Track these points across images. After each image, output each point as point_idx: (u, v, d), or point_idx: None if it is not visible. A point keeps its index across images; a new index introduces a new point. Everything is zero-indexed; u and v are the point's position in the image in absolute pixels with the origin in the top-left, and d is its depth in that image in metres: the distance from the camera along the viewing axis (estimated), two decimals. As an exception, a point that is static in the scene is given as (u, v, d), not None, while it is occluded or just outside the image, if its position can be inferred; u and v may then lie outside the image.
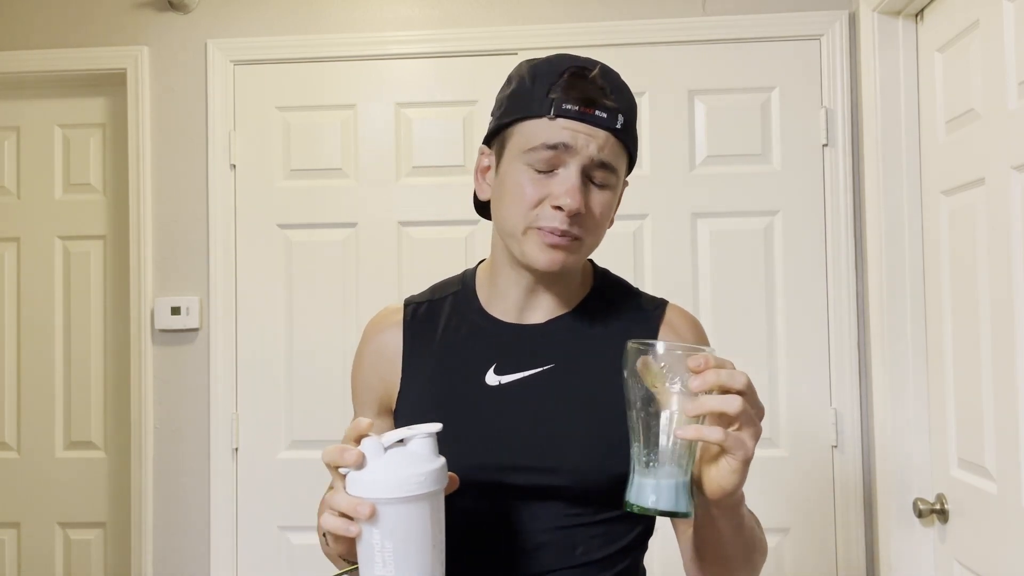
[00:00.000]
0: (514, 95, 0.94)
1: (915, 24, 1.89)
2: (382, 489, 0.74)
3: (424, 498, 0.75)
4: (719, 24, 2.10)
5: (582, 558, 0.93)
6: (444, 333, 1.00)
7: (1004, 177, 1.50)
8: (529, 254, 0.92)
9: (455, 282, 1.06)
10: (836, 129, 2.06)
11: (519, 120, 0.92)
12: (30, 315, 2.37)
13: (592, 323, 0.99)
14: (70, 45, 2.23)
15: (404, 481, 0.74)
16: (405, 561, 0.74)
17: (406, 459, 0.76)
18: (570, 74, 0.91)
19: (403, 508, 0.74)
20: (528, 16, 2.14)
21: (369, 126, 2.18)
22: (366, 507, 0.73)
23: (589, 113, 0.89)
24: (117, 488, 2.33)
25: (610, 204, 0.94)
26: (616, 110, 0.91)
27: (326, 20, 2.19)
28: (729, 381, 0.72)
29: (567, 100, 0.89)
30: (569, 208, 0.88)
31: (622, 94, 0.93)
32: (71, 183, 2.36)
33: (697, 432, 0.72)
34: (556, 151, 0.89)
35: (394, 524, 0.74)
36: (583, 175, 0.90)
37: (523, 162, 0.91)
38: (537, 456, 0.92)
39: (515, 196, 0.92)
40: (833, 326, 2.05)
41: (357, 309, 2.15)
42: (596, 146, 0.90)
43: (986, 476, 1.59)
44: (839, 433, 2.04)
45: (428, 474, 0.75)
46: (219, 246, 2.17)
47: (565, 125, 0.89)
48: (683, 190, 2.10)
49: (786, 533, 2.06)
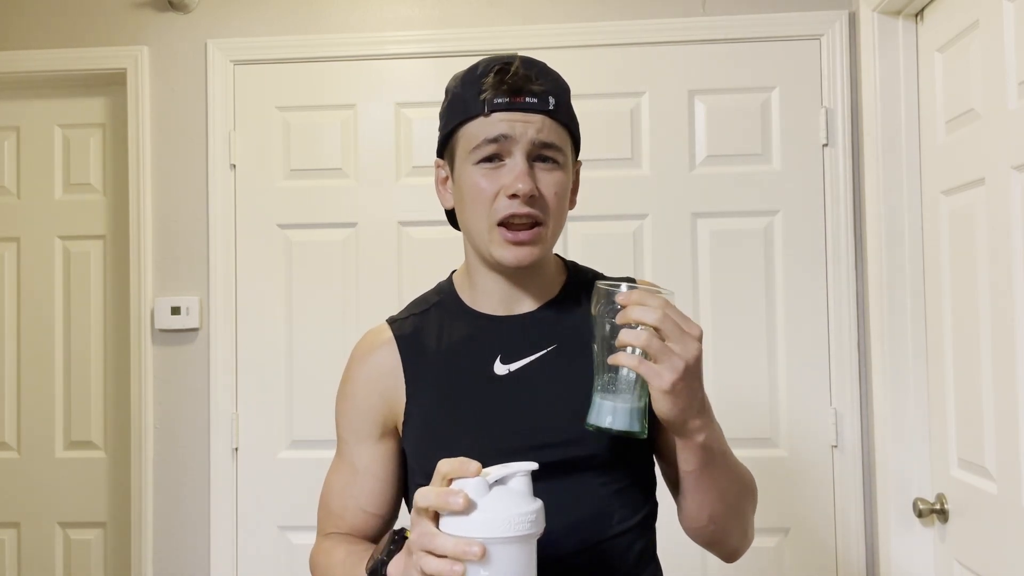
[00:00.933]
0: (451, 105, 1.00)
1: (915, 24, 1.89)
2: (492, 528, 0.72)
3: (531, 539, 0.74)
4: (719, 24, 2.10)
5: (619, 527, 0.97)
6: (440, 339, 1.02)
7: (1004, 177, 1.50)
8: (497, 254, 0.96)
9: (432, 294, 1.09)
10: (836, 129, 2.06)
11: (460, 125, 0.98)
12: (30, 315, 2.37)
13: (578, 305, 1.03)
14: (70, 45, 2.23)
15: (515, 520, 0.73)
16: None
17: (511, 498, 0.74)
18: (494, 72, 0.96)
19: (514, 548, 0.73)
20: (528, 16, 2.14)
21: (369, 126, 2.18)
22: (477, 547, 0.71)
23: (519, 101, 0.94)
24: (117, 488, 2.33)
25: (564, 184, 0.98)
26: (545, 92, 0.96)
27: (326, 20, 2.19)
28: (641, 316, 0.81)
29: (497, 95, 0.94)
30: (522, 192, 0.93)
31: (548, 77, 0.98)
32: (71, 183, 2.36)
33: (614, 358, 0.82)
34: (497, 143, 0.94)
35: (505, 565, 0.73)
36: (529, 161, 0.95)
37: (471, 163, 0.96)
38: (563, 430, 0.95)
39: (472, 196, 0.97)
40: (833, 326, 2.05)
41: (357, 309, 2.15)
42: (534, 129, 0.94)
43: (986, 476, 1.59)
44: (839, 433, 2.04)
45: (535, 512, 0.75)
46: (219, 246, 2.17)
47: (501, 118, 0.94)
48: (683, 190, 2.10)
49: (786, 533, 2.06)
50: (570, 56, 2.09)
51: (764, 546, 2.05)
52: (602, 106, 2.10)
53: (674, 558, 2.00)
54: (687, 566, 2.01)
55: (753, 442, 2.04)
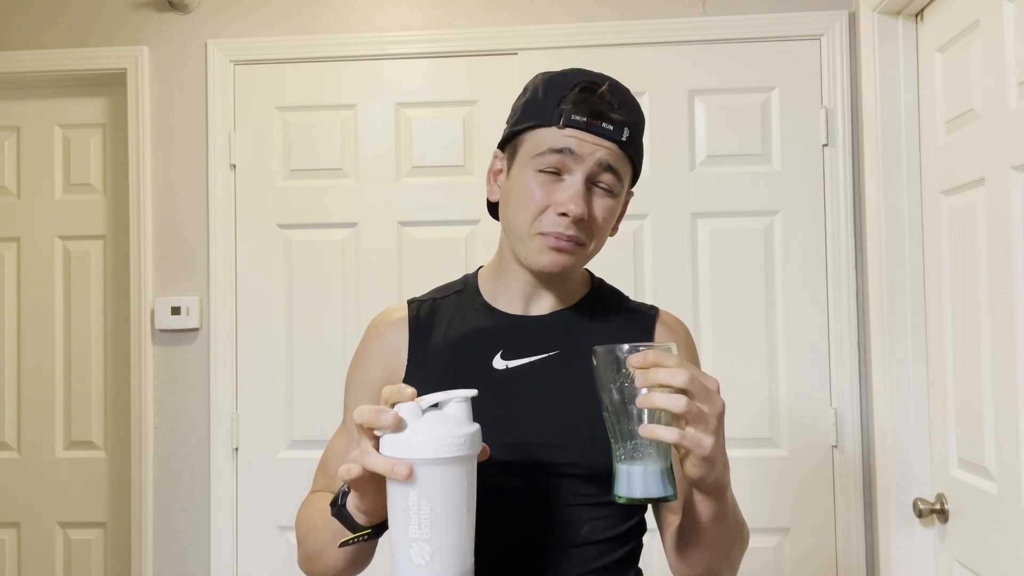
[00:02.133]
0: (528, 104, 1.00)
1: (915, 24, 1.89)
2: (421, 450, 0.74)
3: (462, 461, 0.75)
4: (719, 24, 2.10)
5: (588, 537, 0.97)
6: (449, 327, 1.04)
7: (1004, 177, 1.50)
8: (532, 257, 0.97)
9: (458, 283, 1.10)
10: (836, 129, 2.06)
11: (530, 128, 0.98)
12: (30, 315, 2.37)
13: (592, 318, 1.05)
14: (70, 45, 2.23)
15: (444, 442, 0.74)
16: (441, 523, 0.74)
17: (443, 422, 0.76)
18: (580, 88, 0.96)
19: (442, 469, 0.74)
20: (528, 16, 2.14)
21: (369, 126, 2.18)
22: (404, 467, 0.73)
23: (596, 124, 0.95)
24: (117, 488, 2.33)
25: (613, 211, 1.00)
26: (623, 123, 0.96)
27: (326, 20, 2.19)
28: (668, 379, 0.74)
29: (576, 112, 0.95)
30: (574, 214, 0.93)
31: (630, 109, 0.99)
32: (71, 183, 2.36)
33: (652, 432, 0.75)
34: (562, 155, 0.94)
35: (432, 485, 0.74)
36: (588, 182, 0.95)
37: (532, 168, 0.96)
38: (547, 433, 0.96)
39: (523, 199, 0.97)
40: (833, 326, 2.05)
41: (357, 309, 2.15)
42: (601, 155, 0.95)
43: (986, 476, 1.59)
44: (839, 433, 2.04)
45: (467, 436, 0.76)
46: (219, 246, 2.17)
47: (572, 134, 0.94)
48: (683, 190, 2.10)
49: (786, 533, 2.06)
50: (570, 56, 2.09)
51: (764, 546, 2.05)
52: (602, 106, 2.10)
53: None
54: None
55: (753, 442, 2.04)
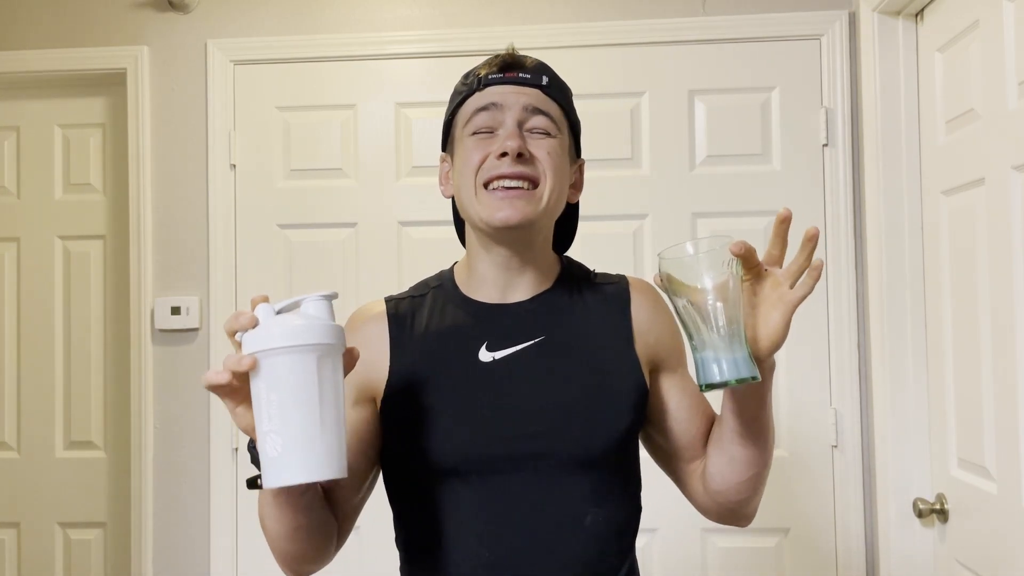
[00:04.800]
0: (452, 97, 1.06)
1: (915, 24, 1.89)
2: (265, 341, 0.76)
3: (308, 349, 0.76)
4: (719, 24, 2.10)
5: (590, 527, 0.96)
6: (430, 322, 1.03)
7: (1004, 177, 1.50)
8: (486, 214, 0.97)
9: (433, 279, 1.11)
10: (836, 129, 2.06)
11: (458, 108, 1.02)
12: (30, 315, 2.37)
13: (571, 297, 1.04)
14: (70, 45, 2.23)
15: (287, 332, 0.76)
16: (290, 414, 0.75)
17: (295, 317, 0.78)
18: (490, 58, 1.03)
19: (286, 358, 0.75)
20: (528, 16, 2.14)
21: (369, 126, 2.18)
22: (248, 359, 0.76)
23: (512, 76, 0.99)
24: (117, 488, 2.33)
25: (558, 153, 0.99)
26: (539, 71, 1.00)
27: (326, 20, 2.19)
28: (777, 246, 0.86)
29: (491, 72, 1.00)
30: (510, 148, 0.95)
31: (543, 65, 1.03)
32: (71, 183, 2.36)
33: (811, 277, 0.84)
34: (488, 111, 0.98)
35: (277, 375, 0.76)
36: (519, 127, 0.97)
37: (467, 135, 0.99)
38: (540, 421, 0.95)
39: (464, 164, 0.99)
40: (833, 326, 2.05)
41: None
42: (525, 99, 0.98)
43: (986, 476, 1.59)
44: (839, 433, 2.04)
45: (313, 327, 0.77)
46: (219, 246, 2.17)
47: (493, 90, 0.99)
48: (683, 190, 2.10)
49: (786, 533, 2.06)
50: (570, 56, 2.09)
51: (764, 546, 2.05)
52: (602, 106, 2.10)
53: (674, 556, 2.00)
54: (687, 566, 2.01)
55: (753, 442, 2.04)
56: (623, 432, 0.97)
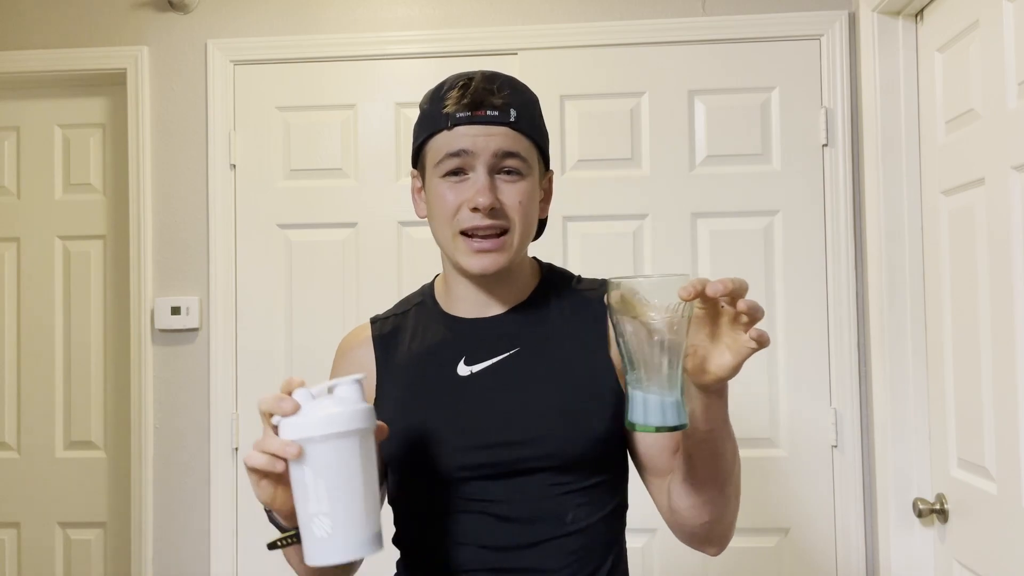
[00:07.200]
0: (420, 120, 1.05)
1: (915, 24, 1.89)
2: (309, 429, 0.80)
3: (350, 435, 0.80)
4: (719, 24, 2.10)
5: (572, 526, 0.99)
6: (412, 340, 1.07)
7: (1004, 177, 1.50)
8: (463, 262, 1.00)
9: (416, 295, 1.14)
10: (836, 129, 2.06)
11: (427, 139, 1.02)
12: (30, 315, 2.37)
13: (548, 308, 1.06)
14: (70, 45, 2.23)
15: (329, 419, 0.80)
16: (337, 495, 0.80)
17: (332, 403, 0.82)
18: (457, 87, 1.00)
19: (331, 445, 0.80)
20: (528, 16, 2.14)
21: (369, 126, 2.18)
22: (294, 447, 0.79)
23: (480, 115, 0.98)
24: (117, 488, 2.33)
25: (529, 193, 1.01)
26: (507, 105, 0.99)
27: (326, 20, 2.19)
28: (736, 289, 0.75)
29: (459, 110, 0.98)
30: (483, 205, 0.96)
31: (513, 91, 1.01)
32: (71, 183, 2.36)
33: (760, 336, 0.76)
34: (459, 157, 0.98)
35: (325, 461, 0.80)
36: (491, 174, 0.98)
37: (438, 176, 1.00)
38: (518, 430, 0.99)
39: (438, 208, 1.01)
40: (833, 326, 2.05)
41: (357, 309, 2.15)
42: (496, 143, 0.98)
43: (986, 476, 1.59)
44: (839, 433, 2.04)
45: (352, 413, 0.81)
46: (219, 246, 2.17)
47: (463, 132, 0.98)
48: (683, 190, 2.10)
49: (786, 533, 2.06)
50: (570, 56, 2.09)
51: (764, 546, 2.05)
52: (602, 106, 2.10)
53: (674, 557, 2.00)
54: (687, 566, 2.01)
55: (753, 442, 2.04)
56: (601, 433, 0.99)
